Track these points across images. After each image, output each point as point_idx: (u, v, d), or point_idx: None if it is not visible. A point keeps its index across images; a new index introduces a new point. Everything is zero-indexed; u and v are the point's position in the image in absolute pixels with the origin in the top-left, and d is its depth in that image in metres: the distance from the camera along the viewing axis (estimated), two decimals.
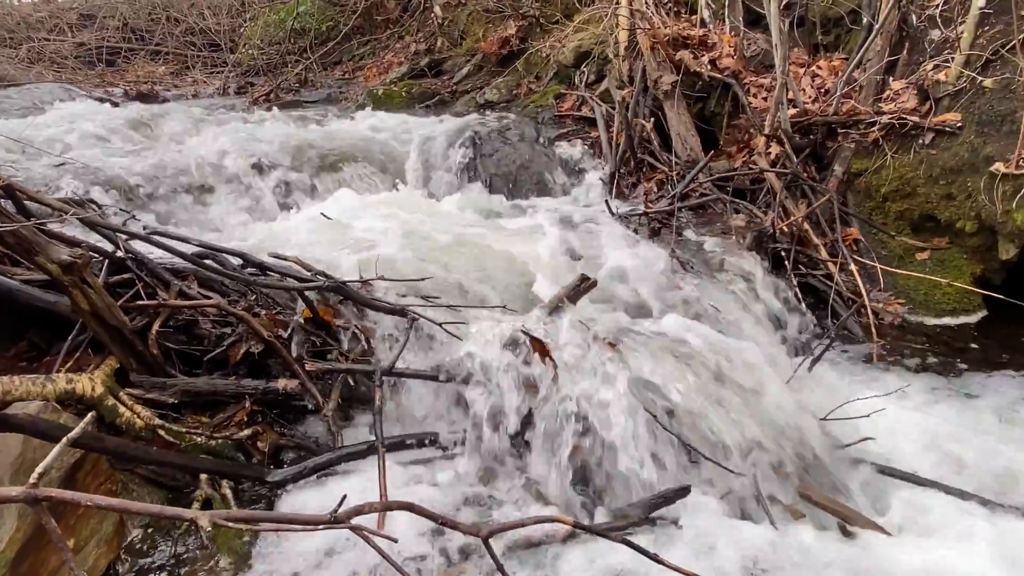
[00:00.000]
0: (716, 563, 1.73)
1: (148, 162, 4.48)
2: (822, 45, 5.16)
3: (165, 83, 9.11)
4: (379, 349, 2.72)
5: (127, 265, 2.51)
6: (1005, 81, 3.72)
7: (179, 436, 2.22)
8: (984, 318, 3.62)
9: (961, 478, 2.31)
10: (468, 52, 7.77)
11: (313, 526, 1.02)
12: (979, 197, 3.60)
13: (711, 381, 2.41)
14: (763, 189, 4.31)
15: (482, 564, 1.79)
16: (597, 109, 5.35)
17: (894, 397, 2.71)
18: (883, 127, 4.07)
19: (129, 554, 1.93)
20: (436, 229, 3.69)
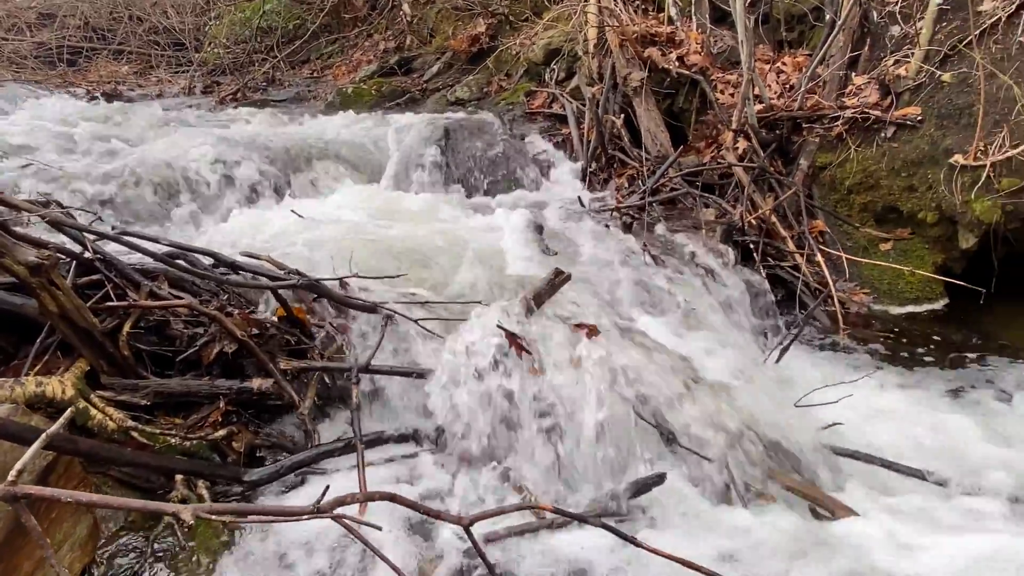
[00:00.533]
0: (692, 547, 1.76)
1: (113, 163, 4.41)
2: (786, 42, 5.26)
3: (129, 83, 8.94)
4: (355, 347, 2.72)
5: (96, 266, 2.47)
6: (962, 75, 3.84)
7: (152, 438, 2.20)
8: (946, 306, 3.73)
9: (922, 458, 2.38)
10: (438, 50, 7.76)
11: (296, 517, 1.02)
12: (939, 188, 3.71)
13: (683, 371, 2.46)
14: (731, 183, 4.38)
15: (464, 554, 1.80)
16: (568, 106, 5.39)
17: (861, 383, 2.78)
18: (846, 121, 4.16)
19: (104, 558, 1.91)
20: (409, 226, 3.69)
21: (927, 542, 1.86)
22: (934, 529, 1.95)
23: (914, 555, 1.82)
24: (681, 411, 2.25)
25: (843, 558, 1.79)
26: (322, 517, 1.03)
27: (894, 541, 1.87)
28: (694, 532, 1.90)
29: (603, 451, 2.19)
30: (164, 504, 0.99)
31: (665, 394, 2.28)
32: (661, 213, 4.05)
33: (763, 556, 1.83)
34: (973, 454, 2.43)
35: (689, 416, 2.24)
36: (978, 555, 1.80)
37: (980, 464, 2.36)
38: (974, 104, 3.69)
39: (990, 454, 2.42)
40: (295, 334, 2.62)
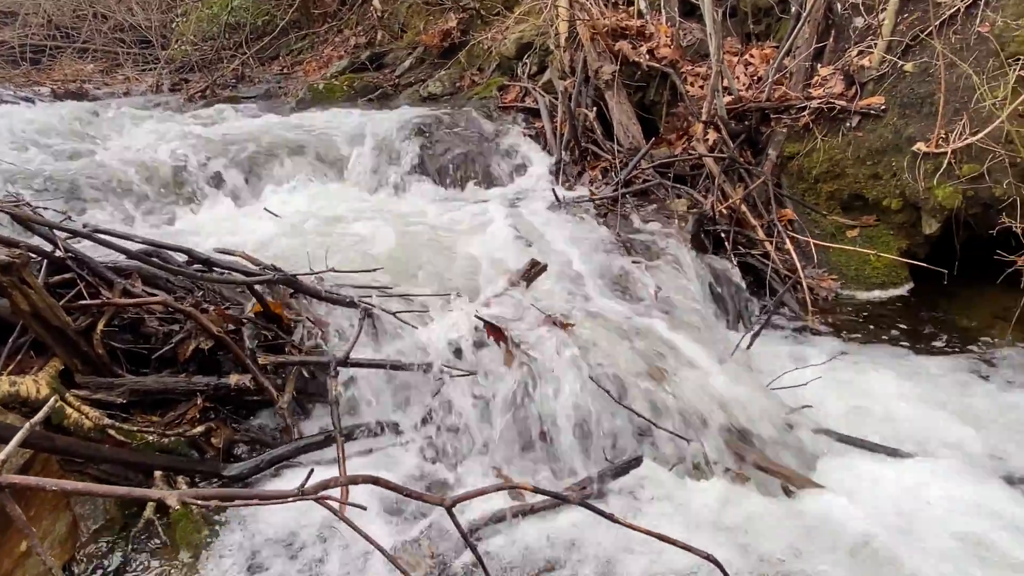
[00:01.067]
0: (668, 526, 1.80)
1: (81, 162, 4.35)
2: (754, 34, 5.34)
3: (95, 82, 8.78)
4: (333, 341, 2.73)
5: (67, 265, 2.45)
6: (924, 65, 3.94)
7: (130, 435, 2.19)
8: (911, 290, 3.84)
9: (890, 435, 2.47)
10: (409, 45, 7.74)
11: (281, 500, 1.04)
12: (903, 176, 3.81)
13: (658, 356, 2.50)
14: (702, 174, 4.44)
15: (447, 539, 1.83)
16: (540, 100, 5.42)
17: (829, 365, 2.86)
18: (813, 112, 4.24)
19: (85, 555, 1.90)
20: (384, 221, 3.69)
21: (888, 509, 1.94)
22: (896, 498, 2.02)
23: (874, 519, 1.90)
24: (656, 395, 2.29)
25: (809, 528, 1.85)
26: (306, 499, 1.04)
27: (854, 513, 1.95)
28: (670, 511, 1.95)
29: (580, 437, 2.23)
30: (149, 491, 1.00)
31: (641, 379, 2.32)
32: (634, 204, 4.10)
33: (736, 533, 1.88)
34: (939, 429, 2.52)
35: (664, 399, 2.29)
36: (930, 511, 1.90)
37: (945, 438, 2.45)
38: (935, 93, 3.79)
39: (954, 429, 2.51)
40: (272, 329, 2.62)
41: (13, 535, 1.68)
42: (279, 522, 2.10)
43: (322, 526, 2.08)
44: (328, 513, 2.07)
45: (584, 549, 1.82)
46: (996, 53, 3.63)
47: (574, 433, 2.25)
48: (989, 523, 2.02)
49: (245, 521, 2.10)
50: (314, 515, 2.05)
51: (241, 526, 2.09)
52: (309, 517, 2.10)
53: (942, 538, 1.96)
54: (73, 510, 1.90)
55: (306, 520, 2.10)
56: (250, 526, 2.08)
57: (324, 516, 2.07)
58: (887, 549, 1.89)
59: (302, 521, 2.10)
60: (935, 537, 1.97)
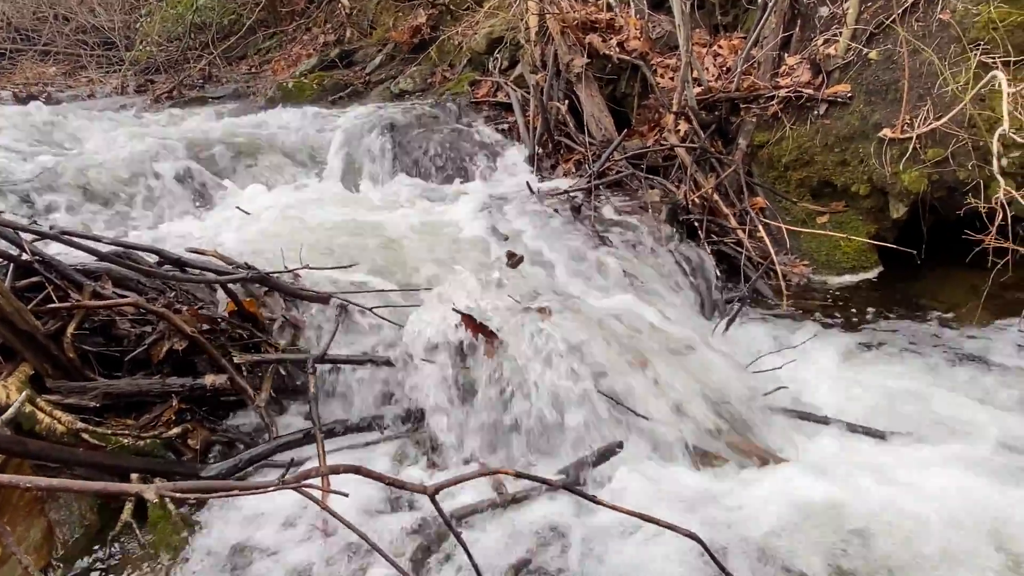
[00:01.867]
0: (650, 509, 1.82)
1: (47, 165, 4.26)
2: (722, 25, 5.40)
3: (58, 84, 8.60)
4: (311, 339, 2.71)
5: (35, 268, 2.40)
6: (888, 52, 4.00)
7: (104, 439, 2.16)
8: (880, 274, 3.91)
9: (862, 414, 2.52)
10: (379, 42, 7.69)
11: (262, 490, 1.03)
12: (870, 162, 3.87)
13: (637, 345, 2.52)
14: (675, 164, 4.48)
15: (430, 525, 1.84)
16: (512, 94, 5.42)
17: (803, 348, 2.91)
18: (781, 100, 4.29)
19: (61, 561, 1.87)
20: (358, 218, 3.67)
21: (862, 486, 1.99)
22: (869, 474, 2.07)
23: (848, 496, 1.94)
24: (636, 381, 2.31)
25: (786, 506, 1.89)
26: (287, 488, 1.04)
27: (829, 489, 2.00)
28: (652, 495, 1.97)
29: (561, 425, 2.24)
30: (126, 485, 0.99)
31: (619, 366, 2.34)
32: (608, 196, 4.12)
33: (714, 512, 1.91)
34: (907, 408, 2.57)
35: (644, 386, 2.31)
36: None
37: (914, 416, 2.51)
38: (899, 80, 3.85)
39: (922, 407, 2.56)
40: (247, 328, 2.59)
41: None
42: (260, 523, 2.09)
43: (305, 527, 2.07)
44: (311, 515, 2.07)
45: (568, 535, 1.83)
46: (958, 39, 3.70)
47: (555, 422, 2.26)
48: (958, 497, 2.07)
49: (225, 522, 2.08)
50: (297, 515, 2.04)
51: (221, 528, 2.07)
52: (291, 518, 2.09)
53: (911, 511, 2.01)
54: (48, 516, 1.87)
55: (288, 521, 2.09)
56: (230, 527, 2.06)
57: (307, 517, 2.06)
58: (862, 524, 1.93)
59: (284, 522, 2.08)
60: (905, 510, 2.01)
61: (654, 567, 1.70)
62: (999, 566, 1.78)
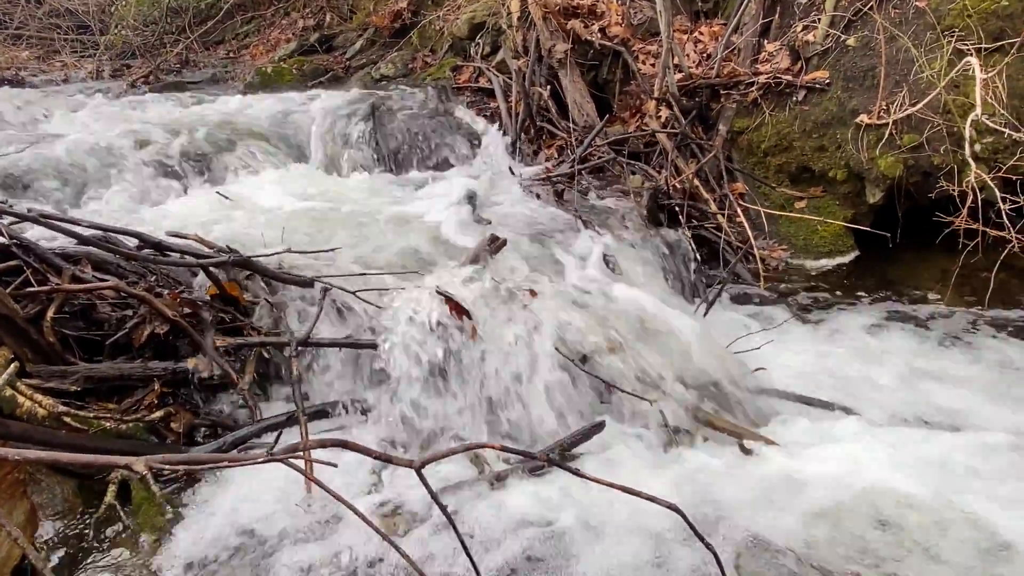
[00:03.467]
0: (631, 483, 1.86)
1: (21, 150, 4.19)
2: (702, 12, 5.41)
3: (31, 69, 8.43)
4: (293, 323, 2.71)
5: (13, 252, 2.38)
6: (865, 39, 4.05)
7: (86, 422, 2.15)
8: (857, 258, 3.98)
9: (838, 393, 2.58)
10: (360, 27, 7.62)
11: (252, 463, 1.04)
12: (847, 147, 3.93)
13: (618, 326, 2.56)
14: (656, 150, 4.51)
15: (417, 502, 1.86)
16: (495, 80, 5.41)
17: (781, 330, 2.96)
18: (761, 87, 4.34)
19: (45, 543, 1.87)
20: (340, 203, 3.67)
21: (836, 462, 2.05)
22: (845, 451, 2.13)
23: (823, 472, 2.00)
24: (617, 362, 2.35)
25: (764, 482, 1.94)
26: (275, 461, 1.05)
27: (810, 464, 2.05)
28: (632, 471, 2.00)
29: (545, 405, 2.27)
30: (116, 458, 1.00)
31: (602, 346, 2.37)
32: (590, 181, 4.15)
33: (697, 487, 1.95)
34: (884, 386, 2.64)
35: (625, 365, 2.34)
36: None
37: (889, 394, 2.58)
38: (876, 66, 3.91)
39: (898, 386, 2.63)
40: (229, 311, 2.59)
41: None
42: (244, 504, 2.10)
43: (289, 507, 2.08)
44: (297, 496, 2.09)
45: (555, 511, 1.86)
46: (933, 26, 3.76)
47: (539, 402, 2.29)
48: (926, 473, 2.13)
49: (208, 504, 2.09)
50: (283, 497, 2.05)
51: (204, 509, 2.07)
52: (276, 497, 2.10)
53: (884, 487, 2.07)
54: (31, 498, 1.86)
55: (273, 500, 2.10)
56: (214, 508, 2.07)
57: (293, 498, 2.07)
58: (836, 501, 1.98)
59: (269, 502, 2.10)
60: (877, 486, 2.07)
61: (635, 541, 1.73)
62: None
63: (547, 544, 1.84)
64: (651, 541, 1.83)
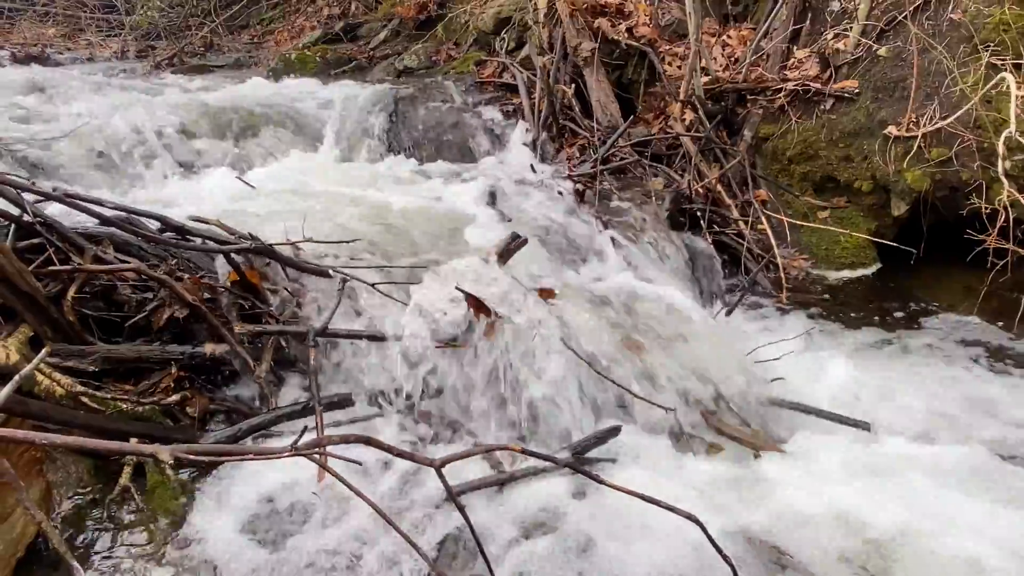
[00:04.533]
0: (646, 490, 1.84)
1: (45, 128, 4.21)
2: (732, 15, 5.36)
3: (57, 46, 8.48)
4: (311, 312, 2.70)
5: (36, 230, 2.39)
6: (897, 50, 4.00)
7: (103, 403, 2.15)
8: (879, 270, 3.93)
9: (856, 408, 2.54)
10: (385, 17, 7.61)
11: (276, 456, 1.04)
12: (874, 158, 3.88)
13: (636, 330, 2.54)
14: (679, 153, 4.48)
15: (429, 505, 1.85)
16: (519, 76, 5.38)
17: (800, 341, 2.93)
18: (788, 94, 4.29)
19: (59, 522, 1.88)
20: (361, 194, 3.65)
21: (850, 478, 2.02)
22: (858, 467, 2.10)
23: (833, 490, 1.97)
24: (634, 366, 2.33)
25: (781, 495, 1.91)
26: (300, 455, 1.04)
27: (821, 479, 2.02)
28: (649, 478, 1.98)
29: (560, 407, 2.26)
30: (141, 446, 0.99)
31: (620, 350, 2.35)
32: (612, 182, 4.12)
33: (714, 497, 1.93)
34: (902, 402, 2.60)
35: (643, 371, 2.32)
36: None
37: (907, 410, 2.54)
38: (907, 77, 3.86)
39: (915, 403, 2.59)
40: (249, 299, 2.59)
41: None
42: (258, 492, 2.09)
43: (302, 496, 2.08)
44: (308, 482, 2.08)
45: (568, 514, 1.85)
46: (968, 39, 3.70)
47: (554, 404, 2.27)
48: (944, 491, 2.10)
49: (224, 490, 2.09)
50: (296, 484, 2.05)
51: (219, 495, 2.07)
52: (289, 485, 2.10)
53: (902, 503, 2.04)
54: (46, 477, 1.87)
55: (286, 489, 2.10)
56: (230, 495, 2.06)
57: (307, 486, 2.07)
58: (855, 518, 1.95)
59: (282, 490, 2.09)
60: (896, 502, 2.04)
61: (651, 548, 1.72)
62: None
63: (558, 546, 1.83)
64: (664, 548, 1.82)
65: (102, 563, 1.83)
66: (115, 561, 1.83)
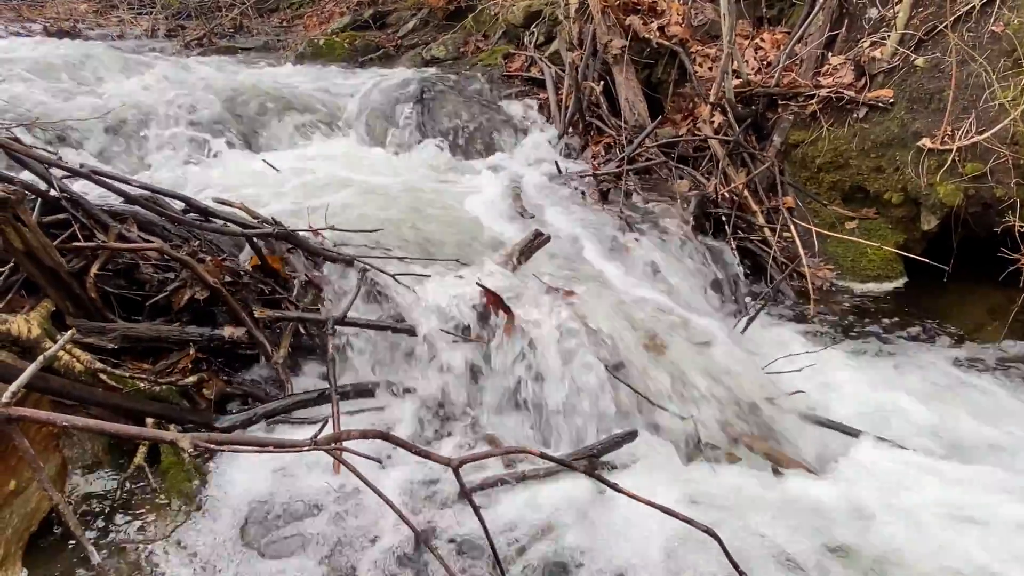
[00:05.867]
0: (662, 500, 1.81)
1: (75, 103, 4.24)
2: (766, 18, 5.28)
3: (88, 22, 8.55)
4: (330, 299, 2.69)
5: (62, 205, 2.39)
6: (935, 60, 3.91)
7: (121, 381, 2.15)
8: (905, 284, 3.86)
9: (878, 424, 2.49)
10: (414, 5, 7.59)
11: (295, 449, 1.02)
12: (906, 170, 3.81)
13: (656, 335, 2.50)
14: (705, 156, 4.42)
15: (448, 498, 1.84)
16: (547, 70, 5.34)
17: (823, 353, 2.88)
18: (821, 100, 4.22)
19: (74, 498, 1.88)
20: (384, 183, 3.64)
21: (875, 494, 1.98)
22: (886, 483, 2.06)
23: (861, 503, 1.93)
24: (653, 371, 2.30)
25: (797, 511, 1.88)
26: (319, 450, 1.03)
27: (842, 496, 1.98)
28: (664, 486, 1.95)
29: (576, 409, 2.23)
30: (161, 432, 0.98)
31: (639, 354, 2.32)
32: (636, 182, 4.07)
33: (724, 509, 1.90)
34: (922, 420, 2.55)
35: (660, 376, 2.29)
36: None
37: (927, 428, 2.49)
38: (944, 89, 3.77)
39: (936, 421, 2.54)
40: (269, 284, 2.58)
41: (1, 474, 1.66)
42: (270, 475, 2.09)
43: (317, 479, 2.07)
44: (323, 468, 2.08)
45: (582, 519, 1.83)
46: (1009, 52, 3.61)
47: (570, 405, 2.25)
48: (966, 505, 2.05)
49: (236, 468, 2.09)
50: (309, 468, 2.04)
51: (231, 474, 2.07)
52: (297, 471, 2.10)
53: (922, 518, 2.00)
54: (63, 452, 1.88)
55: (294, 475, 2.09)
56: (242, 473, 2.07)
57: (319, 470, 2.07)
58: (876, 534, 1.92)
59: (296, 474, 2.09)
60: (917, 518, 2.00)
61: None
62: None
63: (569, 546, 1.81)
64: (677, 558, 1.79)
65: (114, 542, 1.83)
66: (127, 540, 1.83)
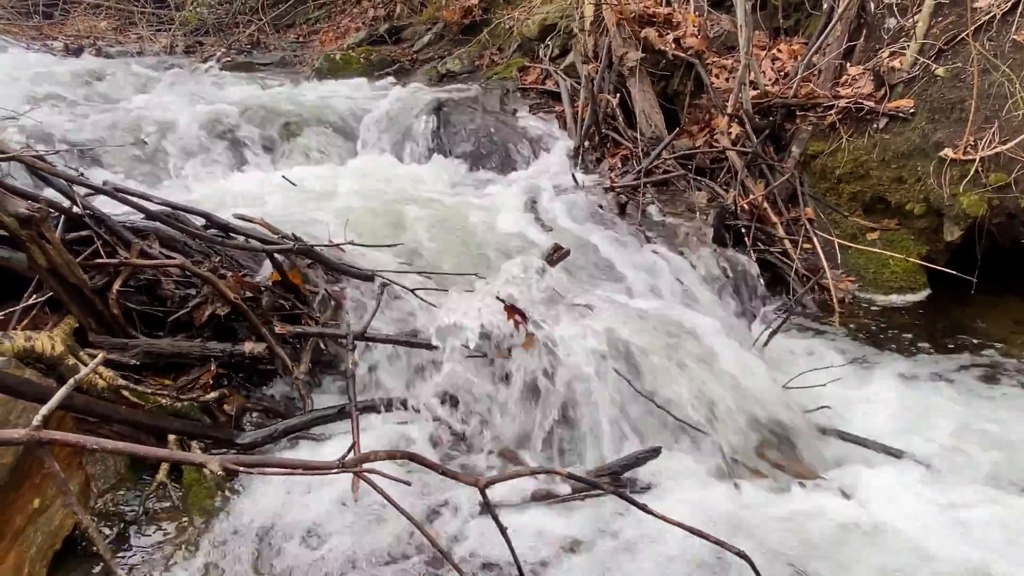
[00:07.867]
0: (686, 519, 1.78)
1: (96, 119, 4.29)
2: (783, 29, 5.27)
3: (108, 39, 8.67)
4: (350, 315, 2.69)
5: (85, 222, 2.41)
6: (956, 70, 3.88)
7: (143, 397, 2.16)
8: (929, 296, 3.80)
9: (903, 438, 2.45)
10: (429, 20, 7.64)
11: (323, 471, 1.01)
12: (928, 181, 3.76)
13: (678, 349, 2.48)
14: (723, 168, 4.39)
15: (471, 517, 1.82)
16: (562, 83, 5.35)
17: (846, 367, 2.84)
18: (840, 111, 4.19)
19: (97, 514, 1.88)
20: (402, 197, 3.65)
21: (896, 518, 1.94)
22: (914, 502, 2.02)
23: (889, 520, 1.89)
24: (675, 386, 2.27)
25: (826, 527, 1.85)
26: (347, 472, 1.02)
27: (869, 516, 1.94)
28: (688, 504, 1.93)
29: (597, 425, 2.21)
30: (192, 455, 0.98)
31: (658, 368, 2.29)
32: (654, 195, 4.06)
33: (748, 527, 1.87)
34: (947, 435, 2.50)
35: (683, 391, 2.26)
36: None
37: (953, 443, 2.44)
38: (966, 99, 3.73)
39: (963, 435, 2.49)
40: (290, 299, 2.59)
41: (26, 491, 1.66)
42: (291, 489, 2.08)
43: (334, 501, 2.06)
44: (342, 487, 2.06)
45: (606, 535, 1.80)
46: None
47: (591, 420, 2.23)
48: (989, 529, 2.00)
49: (258, 485, 2.08)
50: (327, 485, 2.03)
51: (254, 495, 2.06)
52: (320, 487, 2.09)
53: (944, 538, 1.95)
54: (86, 469, 1.88)
55: (316, 494, 2.08)
56: (263, 495, 2.06)
57: (337, 488, 2.05)
58: (903, 551, 1.88)
59: (312, 494, 2.08)
60: (939, 538, 1.95)
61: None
62: None
63: (593, 563, 1.78)
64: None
65: (136, 558, 1.83)
66: (150, 557, 1.83)
